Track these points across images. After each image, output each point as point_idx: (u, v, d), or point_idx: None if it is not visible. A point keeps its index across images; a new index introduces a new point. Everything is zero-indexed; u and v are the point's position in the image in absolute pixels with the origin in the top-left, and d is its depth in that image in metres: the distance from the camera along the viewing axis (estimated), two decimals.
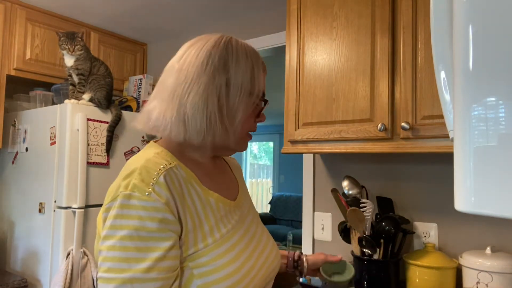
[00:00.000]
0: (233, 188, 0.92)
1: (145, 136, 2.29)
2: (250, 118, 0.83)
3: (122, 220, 0.66)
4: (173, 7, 2.30)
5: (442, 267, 1.34)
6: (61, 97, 2.23)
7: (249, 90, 0.80)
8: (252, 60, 0.81)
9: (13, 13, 2.18)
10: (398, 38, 1.35)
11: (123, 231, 0.65)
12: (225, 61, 0.78)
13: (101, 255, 0.66)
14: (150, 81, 2.57)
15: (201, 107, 0.74)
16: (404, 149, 1.31)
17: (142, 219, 0.65)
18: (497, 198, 0.38)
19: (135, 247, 0.64)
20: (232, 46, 0.80)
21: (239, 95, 0.78)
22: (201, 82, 0.75)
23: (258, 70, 0.82)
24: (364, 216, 1.45)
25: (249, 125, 0.84)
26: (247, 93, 0.79)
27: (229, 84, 0.77)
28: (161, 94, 0.79)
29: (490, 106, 0.39)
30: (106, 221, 0.68)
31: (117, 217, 0.66)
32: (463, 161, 0.41)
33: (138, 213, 0.65)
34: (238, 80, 0.78)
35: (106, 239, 0.66)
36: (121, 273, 0.63)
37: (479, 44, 0.40)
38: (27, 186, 2.12)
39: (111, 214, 0.67)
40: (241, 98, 0.78)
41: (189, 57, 0.78)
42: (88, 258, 1.92)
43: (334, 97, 1.46)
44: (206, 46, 0.79)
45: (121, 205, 0.66)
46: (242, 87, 0.78)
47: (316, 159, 1.94)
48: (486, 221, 1.45)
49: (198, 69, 0.76)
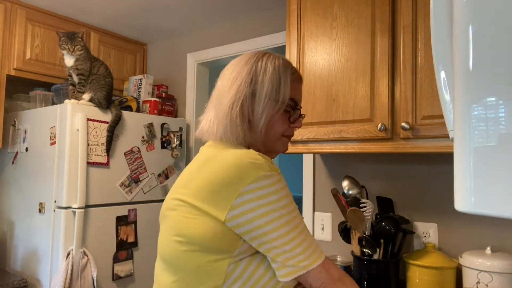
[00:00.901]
0: None
1: (145, 136, 2.29)
2: (280, 122, 0.93)
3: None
4: (173, 7, 2.30)
5: (442, 267, 1.34)
6: (61, 97, 2.23)
7: (274, 98, 0.90)
8: (279, 72, 0.92)
9: (13, 13, 2.18)
10: (398, 38, 1.35)
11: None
12: (253, 75, 0.90)
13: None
14: (150, 81, 2.57)
15: (226, 112, 0.88)
16: (404, 149, 1.31)
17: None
18: (497, 198, 0.38)
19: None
20: (262, 61, 0.92)
21: (263, 102, 0.89)
22: (230, 93, 0.90)
23: (285, 81, 0.92)
24: (364, 216, 1.45)
25: (281, 128, 0.93)
26: (272, 100, 0.90)
27: (254, 94, 0.90)
28: (209, 103, 0.96)
29: (490, 106, 0.39)
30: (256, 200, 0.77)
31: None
32: (463, 161, 0.41)
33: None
34: (263, 90, 0.90)
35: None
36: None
37: (479, 44, 0.40)
38: (27, 186, 2.12)
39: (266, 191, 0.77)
40: (264, 105, 0.89)
41: (227, 72, 0.95)
42: (88, 258, 1.92)
43: (334, 97, 1.46)
44: (240, 62, 0.94)
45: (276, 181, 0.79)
46: (267, 96, 0.89)
47: (316, 159, 1.94)
48: (486, 221, 1.45)
49: (230, 82, 0.91)
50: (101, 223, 2.04)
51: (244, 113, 0.89)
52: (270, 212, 0.76)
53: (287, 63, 0.95)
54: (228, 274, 0.78)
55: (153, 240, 2.29)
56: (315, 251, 0.79)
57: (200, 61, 2.65)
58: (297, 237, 0.78)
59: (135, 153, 2.23)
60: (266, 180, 0.77)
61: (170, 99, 2.64)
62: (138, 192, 2.23)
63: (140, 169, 2.25)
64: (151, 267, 2.27)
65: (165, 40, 2.85)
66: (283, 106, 0.91)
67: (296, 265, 0.77)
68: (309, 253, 0.78)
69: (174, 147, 2.44)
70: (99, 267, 1.99)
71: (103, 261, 2.03)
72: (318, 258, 0.79)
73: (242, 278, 0.79)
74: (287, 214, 0.78)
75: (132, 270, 2.17)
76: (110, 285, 2.06)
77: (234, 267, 0.79)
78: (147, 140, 2.30)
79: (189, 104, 2.69)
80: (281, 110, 0.91)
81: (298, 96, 0.96)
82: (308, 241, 0.79)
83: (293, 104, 0.94)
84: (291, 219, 0.78)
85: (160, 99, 2.56)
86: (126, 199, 2.17)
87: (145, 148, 2.29)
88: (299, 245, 0.77)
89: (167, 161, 2.42)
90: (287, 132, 0.95)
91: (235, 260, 0.79)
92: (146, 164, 2.28)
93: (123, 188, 2.16)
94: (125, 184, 2.17)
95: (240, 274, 0.79)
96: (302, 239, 0.78)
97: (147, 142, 2.31)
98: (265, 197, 0.76)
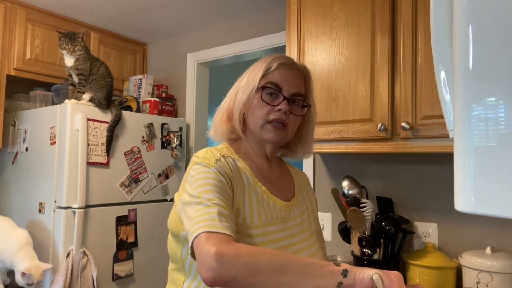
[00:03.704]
0: (286, 193, 1.02)
1: (145, 136, 2.29)
2: (258, 106, 0.94)
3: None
4: (173, 7, 2.30)
5: (442, 267, 1.34)
6: (61, 97, 2.23)
7: (248, 86, 0.95)
8: (260, 64, 0.97)
9: (13, 13, 2.18)
10: (398, 38, 1.35)
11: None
12: (247, 72, 0.98)
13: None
14: (150, 81, 2.57)
15: (218, 113, 1.00)
16: (404, 149, 1.31)
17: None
18: (497, 198, 0.38)
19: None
20: (260, 59, 0.99)
21: (240, 93, 0.96)
22: (229, 93, 1.01)
23: (260, 67, 0.96)
24: (364, 216, 1.45)
25: (261, 112, 0.94)
26: (246, 88, 0.95)
27: (241, 86, 0.97)
28: None
29: (490, 106, 0.39)
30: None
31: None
32: (463, 161, 0.41)
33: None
34: (242, 82, 0.97)
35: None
36: None
37: (479, 44, 0.40)
38: (27, 186, 2.12)
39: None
40: (241, 95, 0.96)
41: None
42: (88, 258, 1.92)
43: (334, 97, 1.46)
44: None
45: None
46: (243, 85, 0.96)
47: (316, 159, 1.94)
48: (486, 221, 1.45)
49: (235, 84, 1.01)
50: (101, 223, 2.04)
51: (229, 107, 0.98)
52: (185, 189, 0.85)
53: (278, 55, 0.98)
54: (183, 259, 0.88)
55: (153, 240, 2.29)
56: (203, 221, 0.76)
57: (200, 61, 2.65)
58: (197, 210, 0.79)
59: (135, 153, 2.23)
60: (194, 166, 0.87)
61: (170, 99, 2.64)
62: (138, 192, 2.23)
63: (140, 169, 2.25)
64: (151, 267, 2.27)
65: (165, 40, 2.85)
66: (254, 89, 0.94)
67: (189, 230, 0.76)
68: (197, 222, 0.76)
69: (174, 147, 2.44)
70: (99, 267, 1.99)
71: (103, 261, 2.03)
72: (201, 228, 0.74)
73: (195, 263, 0.83)
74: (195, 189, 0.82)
75: (132, 270, 2.17)
76: (110, 285, 2.06)
77: (186, 253, 0.87)
78: (147, 140, 2.30)
79: (189, 104, 2.69)
80: (252, 94, 0.94)
81: (281, 80, 0.94)
82: (203, 214, 0.77)
83: (271, 87, 0.94)
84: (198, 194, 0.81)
85: (160, 99, 2.55)
86: (126, 199, 2.17)
87: (145, 148, 2.29)
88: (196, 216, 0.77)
89: (167, 161, 2.42)
90: (271, 116, 0.93)
91: (185, 245, 0.87)
92: (146, 164, 2.28)
93: (123, 188, 2.16)
94: (125, 184, 2.17)
95: (192, 260, 0.85)
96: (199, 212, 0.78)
97: (147, 142, 2.31)
98: (189, 178, 0.86)
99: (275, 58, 0.97)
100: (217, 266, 0.68)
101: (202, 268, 0.69)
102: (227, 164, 0.89)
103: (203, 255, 0.70)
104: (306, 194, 1.09)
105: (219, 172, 0.85)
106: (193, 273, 0.86)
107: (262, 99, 0.93)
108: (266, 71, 0.95)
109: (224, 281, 0.68)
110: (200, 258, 0.70)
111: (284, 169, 1.09)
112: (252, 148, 1.00)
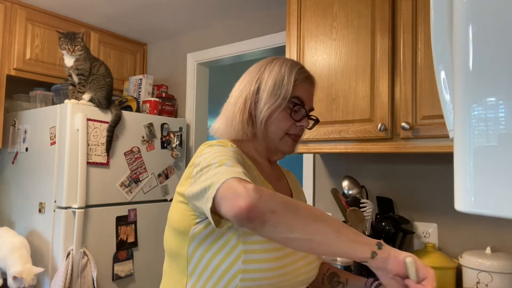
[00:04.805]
0: (285, 194, 1.01)
1: (145, 136, 2.29)
2: (282, 118, 0.94)
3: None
4: (173, 7, 2.30)
5: (442, 267, 1.34)
6: (61, 97, 2.23)
7: (275, 93, 0.93)
8: (284, 71, 0.95)
9: (13, 13, 2.18)
10: (398, 38, 1.35)
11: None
12: (260, 74, 0.95)
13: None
14: (150, 81, 2.57)
15: (230, 108, 0.96)
16: (404, 149, 1.31)
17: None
18: (497, 198, 0.38)
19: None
20: (272, 63, 0.97)
21: (265, 97, 0.93)
22: (237, 91, 0.97)
23: (289, 78, 0.94)
24: (364, 216, 1.45)
25: (284, 125, 0.94)
26: (274, 95, 0.92)
27: (258, 90, 0.94)
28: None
29: (490, 106, 0.39)
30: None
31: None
32: (463, 161, 0.41)
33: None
34: (266, 86, 0.93)
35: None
36: None
37: (479, 44, 0.40)
38: (27, 186, 2.12)
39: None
40: (266, 99, 0.92)
41: (242, 75, 1.00)
42: (88, 258, 1.92)
43: (334, 97, 1.46)
44: (255, 66, 0.99)
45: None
46: (269, 91, 0.93)
47: (316, 159, 1.94)
48: (486, 221, 1.45)
49: (240, 82, 0.98)
50: (101, 223, 2.04)
51: (246, 107, 0.94)
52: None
53: (296, 64, 0.97)
54: (189, 258, 0.83)
55: (153, 240, 2.29)
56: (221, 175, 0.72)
57: (200, 61, 2.65)
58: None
59: (135, 153, 2.23)
60: (207, 148, 0.85)
61: (170, 99, 2.64)
62: (138, 192, 2.23)
63: (140, 169, 2.25)
64: (151, 267, 2.27)
65: (165, 40, 2.85)
66: (284, 102, 0.92)
67: (211, 183, 0.72)
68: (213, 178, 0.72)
69: (174, 147, 2.44)
70: (99, 267, 1.99)
71: (103, 261, 2.03)
72: (230, 175, 0.70)
73: (201, 264, 0.81)
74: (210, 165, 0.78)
75: (132, 270, 2.17)
76: (110, 285, 2.06)
77: (193, 252, 0.83)
78: (147, 140, 2.30)
79: (189, 104, 2.69)
80: (282, 106, 0.93)
81: (305, 96, 0.96)
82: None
83: (297, 102, 0.95)
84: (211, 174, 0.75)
85: (160, 99, 2.56)
86: (126, 199, 2.17)
87: (145, 148, 2.29)
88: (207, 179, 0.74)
89: (167, 161, 2.42)
90: (291, 130, 0.95)
91: (192, 244, 0.82)
92: (146, 164, 2.28)
93: (123, 188, 2.16)
94: (125, 184, 2.17)
95: (199, 259, 0.82)
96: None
97: (147, 142, 2.31)
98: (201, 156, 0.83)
99: (300, 69, 0.96)
100: (256, 196, 0.64)
101: (236, 200, 0.64)
102: (239, 157, 0.87)
103: (240, 190, 0.65)
104: (299, 195, 1.10)
105: (237, 152, 0.85)
106: (197, 274, 0.83)
107: (290, 115, 0.94)
108: (295, 82, 0.95)
109: (261, 212, 0.64)
110: (233, 192, 0.66)
111: (279, 170, 1.10)
112: (257, 150, 0.99)
